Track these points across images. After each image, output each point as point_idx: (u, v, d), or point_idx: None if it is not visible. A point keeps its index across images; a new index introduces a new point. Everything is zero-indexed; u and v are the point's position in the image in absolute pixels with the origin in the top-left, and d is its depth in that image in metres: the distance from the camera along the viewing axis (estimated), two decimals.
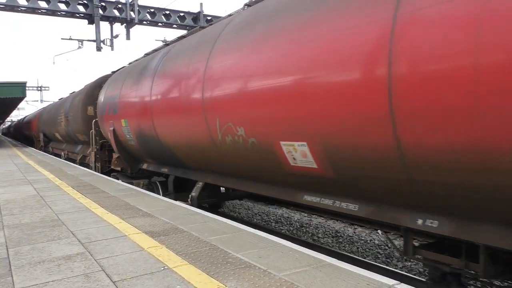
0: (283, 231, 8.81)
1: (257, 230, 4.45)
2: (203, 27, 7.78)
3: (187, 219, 4.95)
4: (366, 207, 4.08)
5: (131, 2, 18.75)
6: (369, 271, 3.18)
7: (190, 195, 7.10)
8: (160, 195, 8.72)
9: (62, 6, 17.57)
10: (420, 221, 3.56)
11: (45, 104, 49.32)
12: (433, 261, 3.66)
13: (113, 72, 13.08)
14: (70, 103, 16.78)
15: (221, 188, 7.85)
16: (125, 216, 5.13)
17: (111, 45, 19.30)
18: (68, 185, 8.30)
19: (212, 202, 7.36)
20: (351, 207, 4.18)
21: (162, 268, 3.19)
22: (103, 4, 18.45)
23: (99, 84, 13.88)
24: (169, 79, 7.11)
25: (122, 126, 9.57)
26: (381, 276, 3.08)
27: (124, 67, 11.80)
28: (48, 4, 17.24)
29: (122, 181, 9.86)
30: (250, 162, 5.38)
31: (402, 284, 2.92)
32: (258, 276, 3.00)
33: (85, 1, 17.96)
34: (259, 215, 10.40)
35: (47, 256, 3.57)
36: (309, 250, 3.77)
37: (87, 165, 14.24)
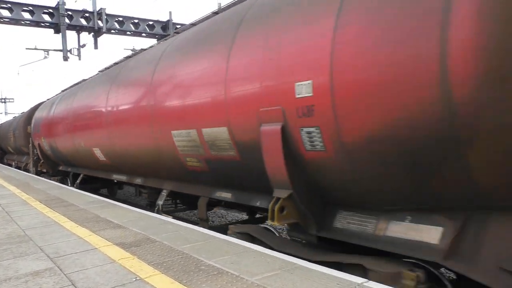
0: None
1: (229, 237, 4.48)
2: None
3: (159, 229, 4.92)
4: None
5: (99, 11, 18.48)
6: (338, 272, 3.26)
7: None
8: (69, 186, 12.81)
9: (26, 15, 17.11)
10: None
11: (9, 117, 47.66)
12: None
13: (48, 99, 17.41)
14: (16, 122, 21.89)
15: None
16: (95, 229, 5.05)
17: (79, 55, 18.92)
18: (36, 199, 8.06)
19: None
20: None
21: (134, 279, 3.17)
22: (70, 13, 18.09)
23: (36, 108, 18.46)
24: (62, 111, 12.08)
25: (43, 141, 14.60)
26: (350, 275, 3.17)
27: (54, 95, 16.41)
28: (11, 13, 16.76)
29: (49, 179, 13.60)
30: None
31: (370, 281, 3.02)
32: (230, 282, 3.03)
33: (50, 10, 17.56)
34: (233, 223, 10.40)
35: (13, 273, 3.47)
36: (281, 254, 3.83)
37: (28, 170, 18.41)
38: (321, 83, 3.53)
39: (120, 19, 19.18)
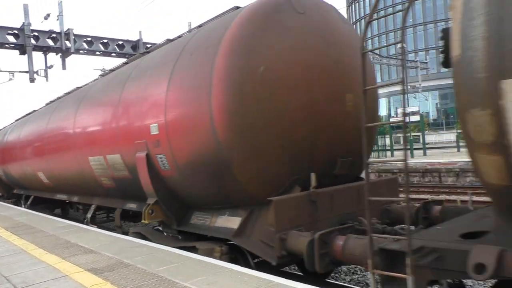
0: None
1: (205, 257, 4.43)
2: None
3: (132, 252, 4.81)
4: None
5: (66, 31, 18.19)
6: (313, 286, 3.27)
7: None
8: (23, 207, 13.03)
9: None
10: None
11: None
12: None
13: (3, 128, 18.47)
14: None
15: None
16: (65, 255, 4.88)
17: (46, 76, 18.49)
18: (1, 227, 7.72)
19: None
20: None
21: None
22: (36, 34, 17.71)
23: None
24: (14, 139, 13.59)
25: None
26: None
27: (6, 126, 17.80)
28: None
29: (3, 201, 14.75)
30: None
31: None
32: None
33: (15, 31, 17.16)
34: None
35: None
36: (257, 272, 3.81)
37: None
38: (161, 125, 5.33)
39: (89, 39, 18.92)
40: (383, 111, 59.15)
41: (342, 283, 5.95)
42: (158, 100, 5.41)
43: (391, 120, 36.60)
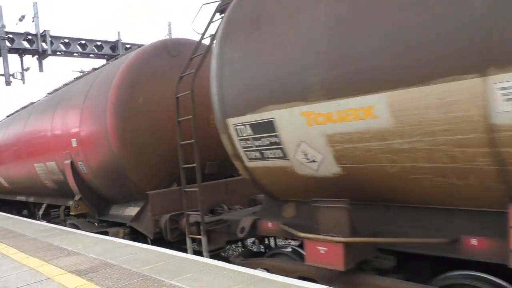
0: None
1: (190, 255, 4.44)
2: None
3: (116, 253, 4.77)
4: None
5: (43, 33, 17.82)
6: (300, 281, 3.33)
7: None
8: None
9: None
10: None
11: None
12: None
13: None
14: None
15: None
16: (48, 258, 4.81)
17: (22, 79, 18.06)
18: None
19: None
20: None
21: None
22: (11, 36, 17.30)
23: None
24: None
25: None
26: (313, 284, 3.24)
27: None
28: None
29: None
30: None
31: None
32: None
33: None
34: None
35: None
36: (243, 268, 3.84)
37: None
38: (78, 140, 7.10)
39: (66, 40, 18.56)
40: None
41: None
42: (75, 121, 7.26)
43: None
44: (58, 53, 18.47)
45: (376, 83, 2.98)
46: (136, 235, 6.52)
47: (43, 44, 17.87)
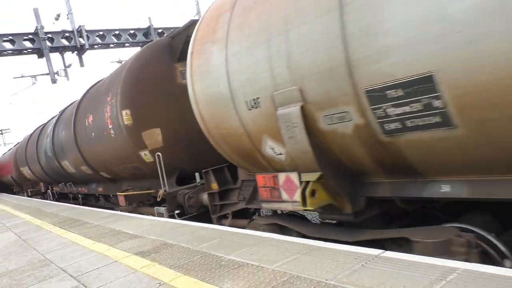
0: None
1: (243, 230, 4.55)
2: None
3: (174, 233, 5.00)
4: None
5: (78, 28, 18.38)
6: (355, 246, 3.33)
7: None
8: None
9: (8, 45, 17.05)
10: None
11: (8, 147, 47.63)
12: None
13: None
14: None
15: None
16: (113, 242, 5.12)
17: (66, 75, 18.87)
18: (49, 223, 8.14)
19: None
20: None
21: (158, 285, 3.25)
22: (50, 35, 18.00)
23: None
24: None
25: None
26: (366, 248, 3.24)
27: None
28: None
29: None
30: None
31: (387, 251, 3.09)
32: (252, 273, 3.10)
33: (30, 36, 17.49)
34: None
35: None
36: (296, 238, 3.90)
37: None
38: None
39: (101, 33, 19.07)
40: None
41: None
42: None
43: None
44: (95, 46, 19.04)
45: None
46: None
47: (80, 39, 18.46)
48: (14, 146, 29.37)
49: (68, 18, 18.39)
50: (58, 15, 18.85)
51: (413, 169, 3.51)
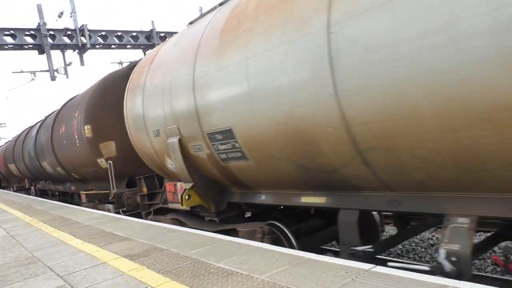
0: None
1: (236, 238, 4.53)
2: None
3: (165, 237, 4.96)
4: None
5: (81, 27, 18.43)
6: (346, 260, 3.32)
7: None
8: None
9: (9, 39, 17.03)
10: None
11: (2, 142, 47.37)
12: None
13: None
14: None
15: None
16: (101, 244, 5.08)
17: (66, 73, 18.86)
18: (39, 220, 8.06)
19: None
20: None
21: None
22: (52, 32, 18.01)
23: None
24: None
25: None
26: (357, 262, 3.23)
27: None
28: None
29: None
30: None
31: (378, 266, 3.08)
32: (241, 282, 3.08)
33: (32, 32, 17.49)
34: None
35: None
36: (288, 249, 3.88)
37: None
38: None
39: (103, 33, 19.12)
40: None
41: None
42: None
43: None
44: (97, 46, 19.09)
45: None
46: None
47: (82, 38, 18.51)
48: (5, 143, 31.56)
49: (71, 17, 18.45)
50: (61, 13, 18.91)
51: (244, 184, 5.42)
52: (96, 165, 9.83)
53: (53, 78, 18.40)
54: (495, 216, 3.11)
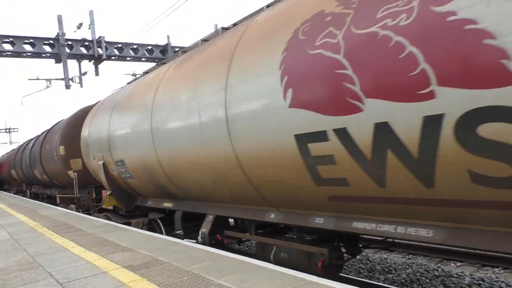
0: None
1: (237, 255, 4.49)
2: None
3: (167, 250, 4.94)
4: None
5: (98, 39, 18.82)
6: (346, 284, 3.27)
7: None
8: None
9: (28, 47, 17.42)
10: None
11: (14, 146, 47.97)
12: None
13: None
14: None
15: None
16: (103, 253, 5.07)
17: (80, 82, 19.17)
18: (43, 226, 8.09)
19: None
20: None
21: None
22: (70, 42, 18.41)
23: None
24: None
25: None
26: (356, 287, 3.18)
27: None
28: (13, 47, 17.08)
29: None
30: None
31: None
32: None
33: (51, 41, 17.90)
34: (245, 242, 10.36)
35: None
36: (290, 270, 3.84)
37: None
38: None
39: (120, 45, 19.49)
40: None
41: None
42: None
43: None
44: (112, 57, 19.42)
45: None
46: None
47: (99, 49, 18.87)
48: (11, 150, 35.90)
49: (89, 28, 18.87)
50: (81, 24, 19.35)
51: (138, 193, 8.41)
52: (67, 175, 13.09)
53: (67, 86, 18.71)
54: None
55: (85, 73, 19.47)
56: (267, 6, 5.24)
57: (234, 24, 5.92)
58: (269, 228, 5.87)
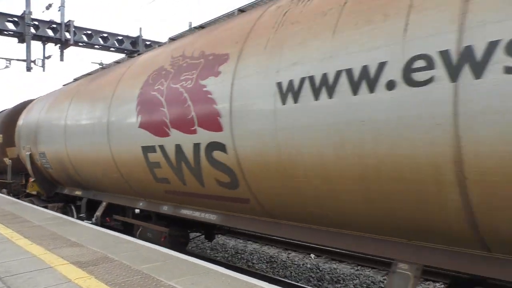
0: (218, 258, 8.79)
1: (190, 257, 4.47)
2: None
3: (118, 248, 4.83)
4: None
5: (67, 22, 18.14)
6: None
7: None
8: None
9: None
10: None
11: None
12: None
13: None
14: None
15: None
16: (51, 247, 4.88)
17: (43, 66, 18.40)
18: None
19: None
20: None
21: None
22: (36, 23, 17.64)
23: None
24: None
25: None
26: None
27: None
28: None
29: None
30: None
31: None
32: None
33: (15, 19, 17.07)
34: (194, 242, 10.29)
35: None
36: (241, 275, 3.86)
37: None
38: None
39: (89, 32, 18.85)
40: None
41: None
42: None
43: None
44: (80, 43, 18.76)
45: None
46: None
47: (66, 33, 18.18)
48: None
49: (59, 10, 18.17)
50: (50, 5, 18.62)
51: (57, 181, 9.99)
52: (4, 162, 14.15)
53: (29, 69, 17.89)
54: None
55: (49, 57, 18.72)
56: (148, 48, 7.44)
57: (130, 57, 8.46)
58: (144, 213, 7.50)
